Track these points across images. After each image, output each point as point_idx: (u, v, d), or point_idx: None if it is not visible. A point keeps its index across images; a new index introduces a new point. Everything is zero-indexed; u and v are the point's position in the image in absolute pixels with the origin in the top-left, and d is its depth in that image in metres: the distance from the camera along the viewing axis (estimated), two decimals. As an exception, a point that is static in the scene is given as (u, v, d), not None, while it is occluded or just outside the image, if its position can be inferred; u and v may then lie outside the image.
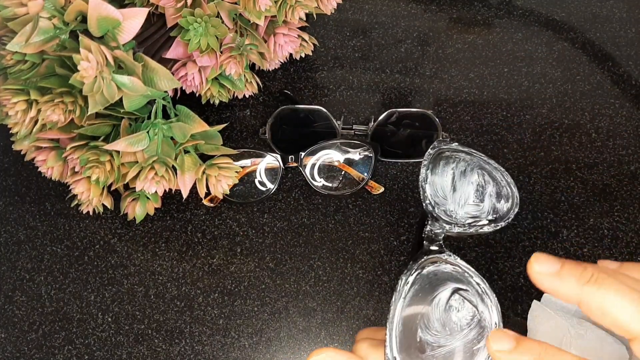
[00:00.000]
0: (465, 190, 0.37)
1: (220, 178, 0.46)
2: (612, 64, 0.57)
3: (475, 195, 0.37)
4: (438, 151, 0.37)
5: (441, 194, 0.37)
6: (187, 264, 0.50)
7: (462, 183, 0.37)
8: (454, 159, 0.38)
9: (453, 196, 0.37)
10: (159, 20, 0.46)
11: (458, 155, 0.38)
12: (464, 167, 0.38)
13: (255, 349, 0.47)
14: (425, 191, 0.36)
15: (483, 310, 0.31)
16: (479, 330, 0.31)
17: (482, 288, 0.31)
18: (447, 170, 0.37)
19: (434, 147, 0.37)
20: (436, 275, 0.32)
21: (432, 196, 0.36)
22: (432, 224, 0.35)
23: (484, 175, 0.38)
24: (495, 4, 0.61)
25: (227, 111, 0.56)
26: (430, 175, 0.37)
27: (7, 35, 0.39)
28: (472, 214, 0.37)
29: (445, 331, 0.30)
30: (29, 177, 0.54)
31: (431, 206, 0.36)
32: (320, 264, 0.50)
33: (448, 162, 0.38)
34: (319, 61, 0.58)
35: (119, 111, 0.44)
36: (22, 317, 0.49)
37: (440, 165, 0.37)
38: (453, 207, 0.36)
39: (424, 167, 0.36)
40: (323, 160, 0.52)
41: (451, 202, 0.37)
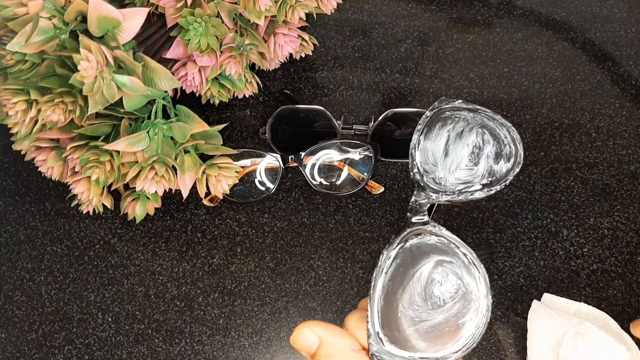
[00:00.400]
0: (459, 154, 0.35)
1: (220, 178, 0.46)
2: (612, 64, 0.57)
3: (470, 159, 0.35)
4: (437, 112, 0.35)
5: (431, 160, 0.34)
6: (187, 264, 0.50)
7: (455, 146, 0.35)
8: (452, 120, 0.35)
9: (444, 161, 0.34)
10: (159, 20, 0.46)
11: (459, 114, 0.35)
12: (461, 128, 0.35)
13: (255, 348, 0.47)
14: (415, 159, 0.34)
15: (469, 282, 0.30)
16: (464, 303, 0.29)
17: (469, 259, 0.30)
18: (441, 133, 0.35)
19: (433, 107, 0.34)
20: (419, 247, 0.31)
21: (421, 164, 0.34)
22: (417, 194, 0.33)
23: (483, 135, 0.35)
24: (495, 4, 0.61)
25: (227, 111, 0.56)
26: (423, 140, 0.34)
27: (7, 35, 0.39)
28: (463, 179, 0.34)
29: (427, 305, 0.30)
30: (29, 177, 0.54)
31: (419, 175, 0.33)
32: (320, 264, 0.50)
33: (445, 123, 0.35)
34: (319, 61, 0.58)
35: (119, 111, 0.44)
36: (22, 317, 0.49)
37: (436, 128, 0.35)
38: (443, 173, 0.34)
39: (417, 132, 0.34)
40: (323, 160, 0.52)
41: (441, 169, 0.34)
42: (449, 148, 0.35)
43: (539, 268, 0.49)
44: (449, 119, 0.35)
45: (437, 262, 0.30)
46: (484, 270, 0.29)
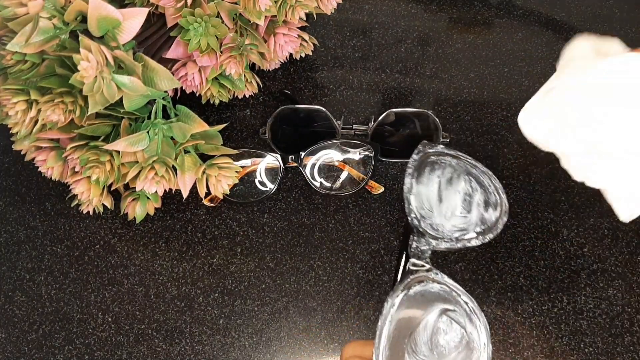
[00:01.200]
0: (452, 200, 0.35)
1: (220, 178, 0.46)
2: (612, 64, 0.57)
3: (463, 206, 0.35)
4: (423, 156, 0.35)
5: (427, 205, 0.35)
6: (187, 264, 0.50)
7: (448, 192, 0.35)
8: (440, 165, 0.36)
9: (439, 207, 0.35)
10: (159, 20, 0.46)
11: (444, 160, 0.36)
12: (450, 175, 0.36)
13: (256, 348, 0.47)
14: (411, 203, 0.34)
15: (471, 331, 0.30)
16: (467, 353, 0.30)
17: (469, 307, 0.30)
18: (432, 179, 0.36)
19: (419, 151, 0.35)
20: (423, 295, 0.31)
21: (417, 209, 0.34)
22: (418, 240, 0.33)
23: (470, 182, 0.36)
24: (495, 4, 0.61)
25: (227, 111, 0.56)
26: (416, 184, 0.35)
27: (7, 35, 0.39)
28: (459, 226, 0.35)
29: (433, 355, 0.30)
30: (29, 177, 0.54)
31: (417, 220, 0.34)
32: (320, 264, 0.50)
33: (433, 168, 0.36)
34: (319, 61, 0.58)
35: (119, 111, 0.44)
36: (22, 317, 0.49)
37: (426, 172, 0.36)
38: (439, 219, 0.35)
39: (409, 176, 0.35)
40: (323, 160, 0.52)
41: (437, 215, 0.35)
42: (442, 194, 0.35)
43: (539, 268, 0.49)
44: (435, 164, 0.35)
45: (441, 310, 0.30)
46: (484, 319, 0.30)
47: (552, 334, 0.47)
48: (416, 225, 0.34)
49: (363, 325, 0.48)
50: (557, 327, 0.47)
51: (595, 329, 0.47)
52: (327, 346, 0.47)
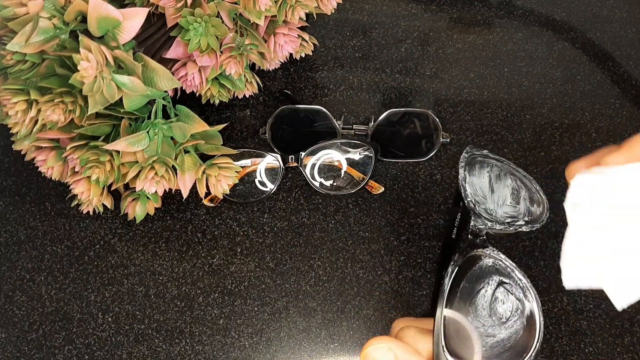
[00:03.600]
0: (502, 192, 0.38)
1: (220, 178, 0.46)
2: (612, 64, 0.57)
3: (512, 198, 0.38)
4: (471, 156, 0.38)
5: (480, 193, 0.38)
6: (187, 264, 0.50)
7: (498, 185, 0.38)
8: (487, 164, 0.39)
9: (492, 196, 0.38)
10: (159, 20, 0.46)
11: (490, 161, 0.39)
12: (497, 172, 0.39)
13: (256, 348, 0.47)
14: (466, 189, 0.37)
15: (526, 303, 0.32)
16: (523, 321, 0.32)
17: (523, 283, 0.33)
18: (483, 173, 0.39)
19: (468, 151, 0.38)
20: (481, 267, 0.33)
21: (472, 195, 0.37)
22: (475, 220, 0.36)
23: (516, 181, 0.39)
24: (495, 4, 0.61)
25: (227, 111, 0.56)
26: (469, 176, 0.38)
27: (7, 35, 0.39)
28: (510, 214, 0.38)
29: (492, 321, 0.31)
30: (29, 177, 0.54)
31: (472, 203, 0.36)
32: (321, 264, 0.50)
33: (483, 166, 0.39)
34: (319, 61, 0.58)
35: (119, 111, 0.44)
36: (22, 317, 0.49)
37: (476, 168, 0.38)
38: (492, 206, 0.37)
39: (462, 168, 0.37)
40: (323, 160, 0.52)
41: (490, 202, 0.38)
42: (493, 186, 0.38)
43: (539, 268, 0.49)
44: (484, 162, 0.39)
45: (499, 282, 0.33)
46: (536, 294, 0.32)
47: (552, 334, 0.47)
48: (472, 207, 0.36)
49: (363, 325, 0.48)
50: (557, 327, 0.47)
51: (595, 329, 0.47)
52: (327, 346, 0.47)
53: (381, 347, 0.30)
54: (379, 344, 0.30)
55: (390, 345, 0.30)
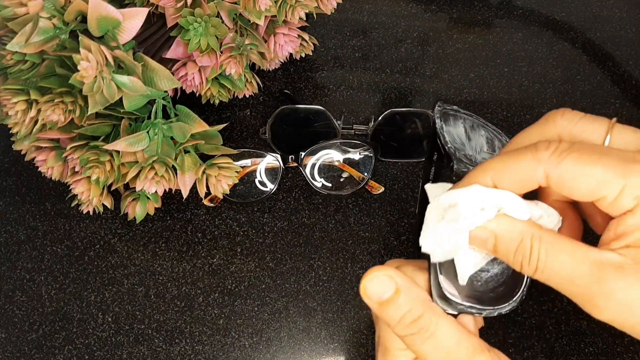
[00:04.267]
0: (478, 141, 0.38)
1: (220, 178, 0.46)
2: (612, 64, 0.57)
3: (488, 146, 0.38)
4: (444, 109, 0.38)
5: (458, 141, 0.38)
6: (187, 264, 0.50)
7: (473, 135, 0.38)
8: (460, 117, 0.39)
9: (469, 144, 0.38)
10: (159, 20, 0.46)
11: (461, 115, 0.39)
12: (471, 123, 0.39)
13: (256, 348, 0.47)
14: (445, 137, 0.36)
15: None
16: None
17: None
18: (457, 124, 0.39)
19: (440, 105, 0.38)
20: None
21: (451, 142, 0.37)
22: (457, 164, 0.35)
23: (488, 132, 0.39)
24: (495, 4, 0.61)
25: (227, 111, 0.56)
26: (445, 126, 0.38)
27: (7, 35, 0.39)
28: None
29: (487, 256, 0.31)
30: (29, 177, 0.54)
31: (453, 149, 0.36)
32: (321, 264, 0.50)
33: (456, 118, 0.39)
34: (319, 61, 0.58)
35: (119, 111, 0.44)
36: (22, 317, 0.49)
37: (451, 119, 0.39)
38: (471, 152, 0.37)
39: (437, 119, 0.37)
40: (323, 160, 0.52)
41: (469, 149, 0.38)
42: (469, 134, 0.38)
43: (539, 268, 0.49)
44: (457, 115, 0.39)
45: None
46: None
47: (552, 334, 0.47)
48: (453, 152, 0.36)
49: (363, 326, 0.48)
50: (557, 327, 0.47)
51: (595, 329, 0.47)
52: (327, 346, 0.47)
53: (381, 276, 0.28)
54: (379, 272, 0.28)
55: (390, 273, 0.28)
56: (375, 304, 0.28)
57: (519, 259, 0.27)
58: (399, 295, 0.28)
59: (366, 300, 0.29)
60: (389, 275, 0.28)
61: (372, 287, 0.28)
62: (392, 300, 0.28)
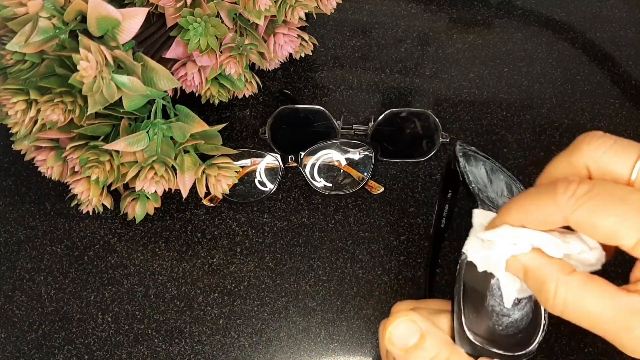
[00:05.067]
0: (499, 184, 0.38)
1: (220, 178, 0.46)
2: (612, 64, 0.57)
3: (507, 190, 0.38)
4: (464, 149, 0.38)
5: (481, 182, 0.38)
6: (187, 264, 0.50)
7: (495, 177, 0.39)
8: (479, 159, 0.39)
9: (491, 186, 0.38)
10: (159, 20, 0.46)
11: (480, 157, 0.39)
12: (490, 166, 0.39)
13: (255, 348, 0.47)
14: (469, 176, 0.37)
15: None
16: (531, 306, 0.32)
17: None
18: (479, 165, 0.39)
19: (461, 144, 0.38)
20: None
21: (475, 182, 0.37)
22: (482, 205, 0.36)
23: (506, 177, 0.39)
24: (495, 4, 0.61)
25: (227, 111, 0.56)
26: (467, 165, 0.38)
27: (6, 35, 0.39)
28: None
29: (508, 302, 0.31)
30: (29, 177, 0.54)
31: (477, 189, 0.36)
32: (320, 264, 0.50)
33: (477, 159, 0.39)
34: (319, 61, 0.58)
35: (119, 111, 0.44)
36: (22, 317, 0.49)
37: (472, 160, 0.38)
38: (493, 195, 0.37)
39: (461, 157, 0.37)
40: (323, 160, 0.52)
41: (491, 191, 0.38)
42: (490, 177, 0.38)
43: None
44: (476, 157, 0.39)
45: None
46: None
47: (552, 334, 0.47)
48: (477, 193, 0.36)
49: (363, 325, 0.48)
50: (557, 327, 0.47)
51: (595, 329, 0.47)
52: (327, 346, 0.47)
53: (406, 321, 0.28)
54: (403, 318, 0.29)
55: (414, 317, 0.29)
56: (401, 351, 0.29)
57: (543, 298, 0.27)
58: (424, 341, 0.28)
59: (390, 347, 0.29)
60: (412, 320, 0.29)
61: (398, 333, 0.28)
62: (418, 345, 0.28)
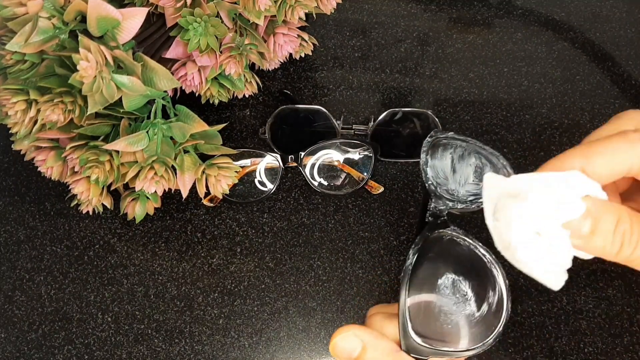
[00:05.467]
0: (465, 172, 0.39)
1: (220, 178, 0.46)
2: (612, 64, 0.57)
3: (475, 176, 0.38)
4: (435, 139, 0.39)
5: (442, 175, 0.38)
6: (187, 264, 0.50)
7: (461, 165, 0.39)
8: (451, 145, 0.39)
9: (453, 177, 0.38)
10: (159, 20, 0.46)
11: (454, 142, 0.39)
12: (461, 152, 0.39)
13: (255, 348, 0.47)
14: (427, 173, 0.37)
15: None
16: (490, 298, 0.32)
17: (487, 259, 0.33)
18: (445, 155, 0.39)
19: (431, 136, 0.39)
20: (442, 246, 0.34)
21: (433, 178, 0.37)
22: (435, 202, 0.36)
23: (480, 159, 0.39)
24: (495, 4, 0.61)
25: (227, 111, 0.56)
26: (430, 159, 0.38)
27: (6, 35, 0.39)
28: (472, 192, 0.38)
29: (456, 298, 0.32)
30: (29, 177, 0.54)
31: (433, 186, 0.37)
32: (320, 264, 0.50)
33: (446, 148, 0.39)
34: (318, 61, 0.58)
35: (119, 111, 0.44)
36: (22, 317, 0.49)
37: (439, 151, 0.39)
38: (454, 186, 0.38)
39: (424, 153, 0.38)
40: (323, 160, 0.52)
41: (452, 182, 0.38)
42: (455, 166, 0.39)
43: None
44: (447, 145, 0.39)
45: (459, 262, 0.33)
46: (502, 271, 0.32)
47: (552, 334, 0.47)
48: (433, 190, 0.37)
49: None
50: (557, 327, 0.47)
51: (595, 329, 0.47)
52: (327, 346, 0.47)
53: (347, 336, 0.30)
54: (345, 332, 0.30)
55: (355, 331, 0.31)
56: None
57: (618, 238, 0.27)
58: (365, 352, 0.30)
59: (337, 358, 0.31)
60: (354, 333, 0.30)
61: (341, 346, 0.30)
62: (360, 357, 0.30)
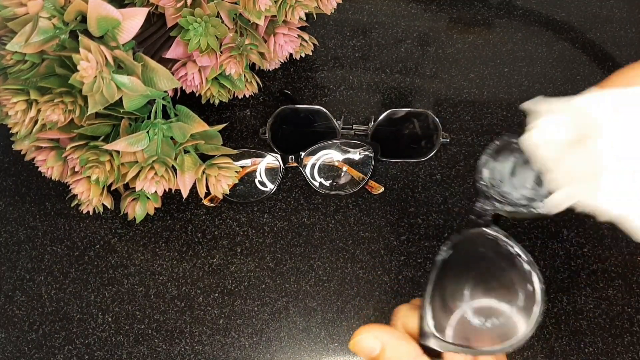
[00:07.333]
0: (525, 175, 0.38)
1: (220, 178, 0.46)
2: (612, 64, 0.57)
3: (535, 180, 0.38)
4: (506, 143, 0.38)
5: (498, 176, 0.38)
6: (187, 264, 0.50)
7: (522, 169, 0.38)
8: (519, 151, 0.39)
9: (510, 180, 0.38)
10: (159, 20, 0.46)
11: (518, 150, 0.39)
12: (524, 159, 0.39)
13: (255, 348, 0.47)
14: (483, 174, 0.37)
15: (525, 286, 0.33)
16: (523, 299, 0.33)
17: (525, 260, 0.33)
18: (508, 159, 0.38)
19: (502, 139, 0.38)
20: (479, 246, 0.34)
21: (488, 179, 0.37)
22: (483, 202, 0.36)
23: None
24: (495, 4, 0.61)
25: (227, 111, 0.56)
26: (492, 161, 0.38)
27: (7, 35, 0.39)
28: (528, 196, 0.37)
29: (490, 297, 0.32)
30: (29, 177, 0.54)
31: (486, 187, 0.37)
32: (320, 264, 0.50)
33: (512, 151, 0.39)
34: (319, 61, 0.58)
35: (119, 111, 0.44)
36: (22, 317, 0.49)
37: (504, 154, 0.38)
38: (509, 189, 0.37)
39: (487, 154, 0.38)
40: (323, 160, 0.52)
41: (507, 185, 0.37)
42: (516, 169, 0.38)
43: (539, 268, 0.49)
44: (515, 149, 0.39)
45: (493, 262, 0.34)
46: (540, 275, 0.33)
47: (552, 334, 0.47)
48: (484, 190, 0.36)
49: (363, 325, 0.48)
50: (557, 327, 0.47)
51: (595, 329, 0.47)
52: (327, 346, 0.47)
53: (365, 338, 0.31)
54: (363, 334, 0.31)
55: (375, 333, 0.31)
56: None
57: None
58: (385, 353, 0.31)
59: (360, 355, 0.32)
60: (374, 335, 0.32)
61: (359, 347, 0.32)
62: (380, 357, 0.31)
